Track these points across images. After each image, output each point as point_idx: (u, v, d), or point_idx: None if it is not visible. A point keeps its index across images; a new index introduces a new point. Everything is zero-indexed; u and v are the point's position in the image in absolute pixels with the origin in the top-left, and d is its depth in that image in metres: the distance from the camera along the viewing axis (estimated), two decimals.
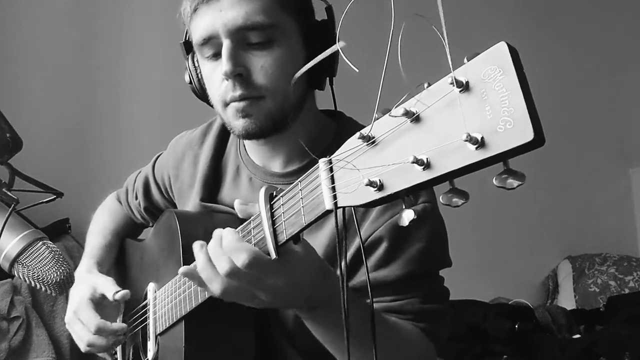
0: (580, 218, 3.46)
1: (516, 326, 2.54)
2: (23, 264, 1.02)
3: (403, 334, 0.98)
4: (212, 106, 1.09)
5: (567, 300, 3.19)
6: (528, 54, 0.52)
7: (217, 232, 0.84)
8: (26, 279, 1.03)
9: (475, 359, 2.45)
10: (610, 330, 2.61)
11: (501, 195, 0.53)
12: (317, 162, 1.04)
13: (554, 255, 3.42)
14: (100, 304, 1.23)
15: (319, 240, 1.03)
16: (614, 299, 2.92)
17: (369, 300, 0.80)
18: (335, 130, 1.12)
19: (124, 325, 1.22)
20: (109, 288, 1.22)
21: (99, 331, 1.19)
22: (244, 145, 1.18)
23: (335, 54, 1.05)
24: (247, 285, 0.81)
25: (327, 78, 1.08)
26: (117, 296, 1.20)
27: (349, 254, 1.00)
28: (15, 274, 1.03)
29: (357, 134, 0.62)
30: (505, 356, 2.45)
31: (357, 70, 0.56)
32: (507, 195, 0.53)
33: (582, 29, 3.60)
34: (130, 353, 1.28)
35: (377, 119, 0.60)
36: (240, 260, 0.77)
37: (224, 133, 1.22)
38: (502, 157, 0.51)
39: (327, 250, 1.03)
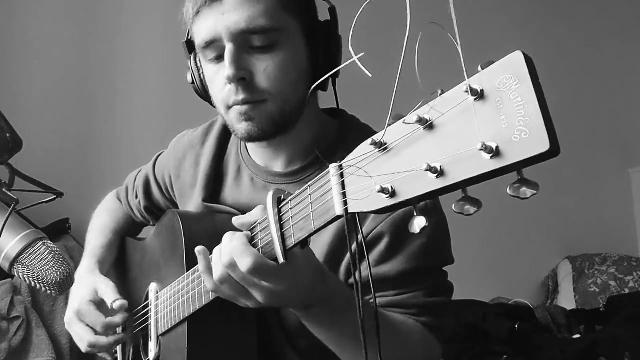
0: (580, 218, 3.46)
1: (516, 326, 2.54)
2: (23, 264, 1.01)
3: (405, 330, 0.98)
4: (214, 106, 1.09)
5: (567, 300, 3.20)
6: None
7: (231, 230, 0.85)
8: (26, 279, 1.02)
9: (475, 359, 2.45)
10: (610, 330, 2.61)
11: (501, 195, 0.53)
12: (320, 160, 1.03)
13: (554, 255, 3.42)
14: (101, 305, 1.23)
15: (322, 239, 1.03)
16: (614, 299, 2.93)
17: (369, 297, 0.80)
18: (337, 128, 1.11)
19: (126, 314, 1.22)
20: (109, 295, 1.21)
21: (106, 329, 1.19)
22: (245, 146, 1.17)
23: (339, 55, 1.06)
24: (247, 286, 0.83)
25: (330, 79, 1.07)
26: (115, 305, 1.19)
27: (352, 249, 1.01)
28: (15, 274, 1.03)
29: (369, 140, 0.62)
30: (505, 356, 2.45)
31: (371, 75, 0.55)
32: (507, 195, 0.53)
33: (582, 29, 3.60)
34: (131, 353, 1.28)
35: (390, 125, 0.59)
36: (244, 264, 0.79)
37: (226, 133, 1.22)
38: (517, 166, 0.51)
39: (331, 249, 1.03)
